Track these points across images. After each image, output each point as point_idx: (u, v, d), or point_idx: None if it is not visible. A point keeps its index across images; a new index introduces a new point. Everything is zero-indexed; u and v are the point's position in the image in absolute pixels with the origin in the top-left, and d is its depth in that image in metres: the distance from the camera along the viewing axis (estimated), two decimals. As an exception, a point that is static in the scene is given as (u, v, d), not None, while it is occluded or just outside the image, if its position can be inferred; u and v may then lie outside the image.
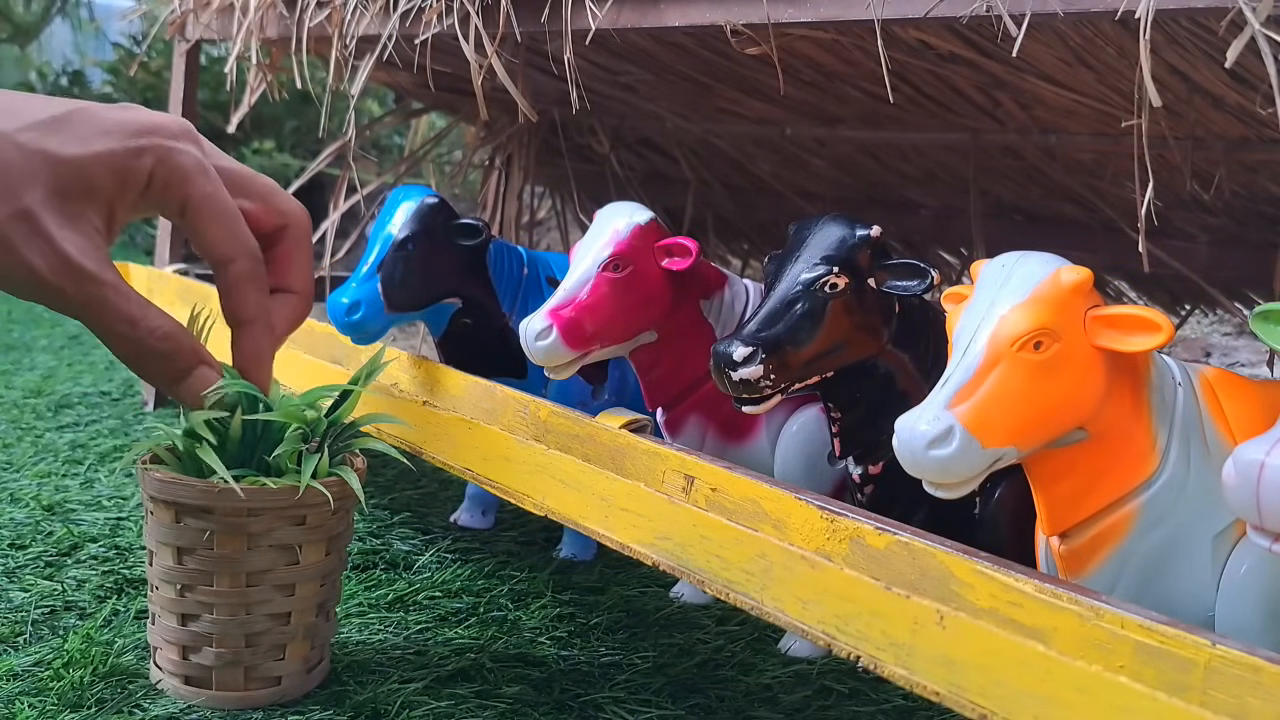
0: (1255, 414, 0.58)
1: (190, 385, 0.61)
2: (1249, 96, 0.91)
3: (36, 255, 0.53)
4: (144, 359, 0.59)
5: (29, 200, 0.53)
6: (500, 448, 0.70)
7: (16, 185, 0.53)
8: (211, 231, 0.60)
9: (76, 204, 0.54)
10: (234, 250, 0.62)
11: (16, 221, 0.53)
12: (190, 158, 0.58)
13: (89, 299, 0.55)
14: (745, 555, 0.55)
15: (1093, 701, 0.41)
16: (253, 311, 0.63)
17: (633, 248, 0.80)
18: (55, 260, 0.54)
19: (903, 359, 0.71)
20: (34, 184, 0.53)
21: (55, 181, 0.54)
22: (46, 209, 0.53)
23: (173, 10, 1.37)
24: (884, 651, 0.48)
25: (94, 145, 0.55)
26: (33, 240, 0.53)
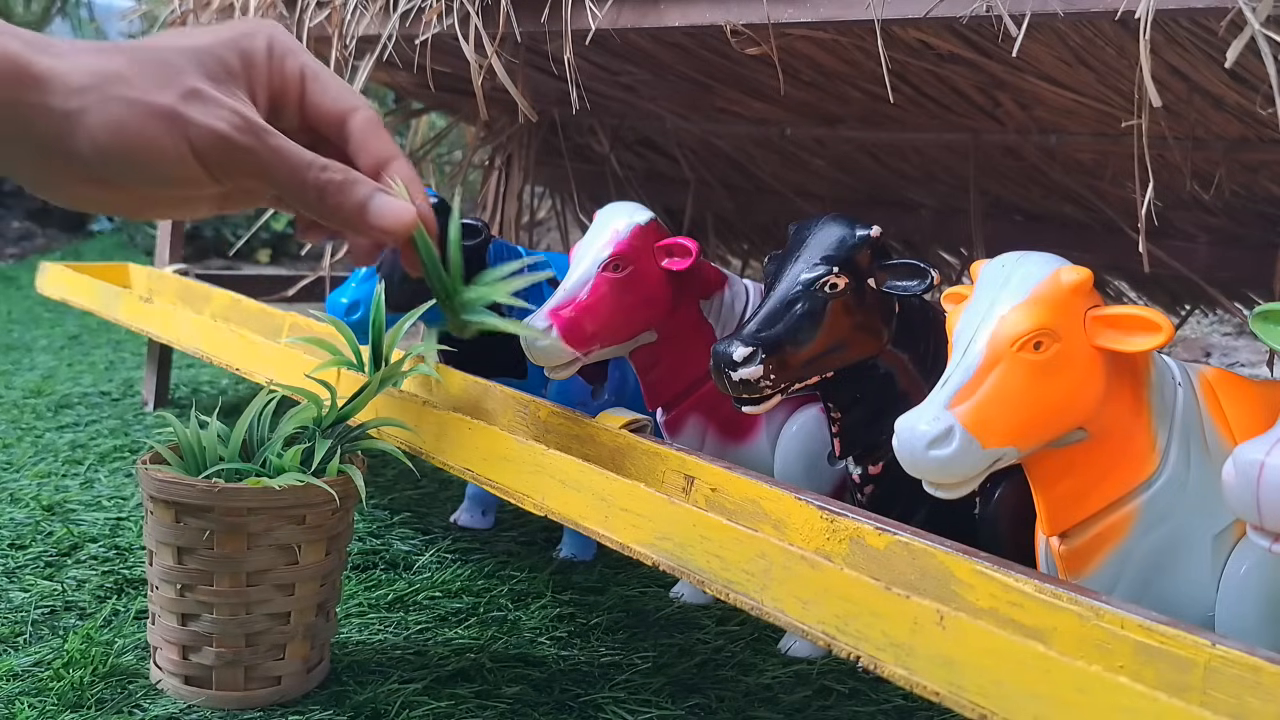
0: (1255, 414, 0.58)
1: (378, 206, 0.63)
2: (1249, 96, 0.91)
3: (220, 121, 0.57)
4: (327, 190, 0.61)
5: (191, 81, 0.57)
6: (500, 448, 0.70)
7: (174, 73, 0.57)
8: (333, 87, 0.64)
9: (226, 82, 0.59)
10: (356, 100, 0.65)
11: (190, 99, 0.56)
12: (290, 35, 0.64)
13: (273, 149, 0.59)
14: (745, 555, 0.55)
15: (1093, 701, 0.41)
16: (393, 147, 0.66)
17: (633, 248, 0.80)
18: (237, 119, 0.57)
19: (903, 359, 0.71)
20: (186, 71, 0.57)
21: (201, 67, 0.58)
22: (208, 85, 0.58)
23: (173, 10, 1.37)
24: (884, 651, 0.48)
25: (216, 36, 0.60)
26: (211, 109, 0.57)
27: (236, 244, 2.64)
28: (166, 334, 1.16)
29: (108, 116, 0.55)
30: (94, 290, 1.31)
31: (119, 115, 0.55)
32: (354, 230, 0.63)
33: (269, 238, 2.98)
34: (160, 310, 1.18)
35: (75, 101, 0.54)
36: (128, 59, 0.56)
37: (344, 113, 0.64)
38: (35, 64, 0.53)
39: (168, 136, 0.56)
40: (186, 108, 0.56)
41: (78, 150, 0.55)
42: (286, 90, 0.63)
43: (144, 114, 0.55)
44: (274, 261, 3.03)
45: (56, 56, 0.55)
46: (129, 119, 0.55)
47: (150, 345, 1.50)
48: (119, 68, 0.56)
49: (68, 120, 0.54)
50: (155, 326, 1.18)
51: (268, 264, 3.01)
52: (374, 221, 0.63)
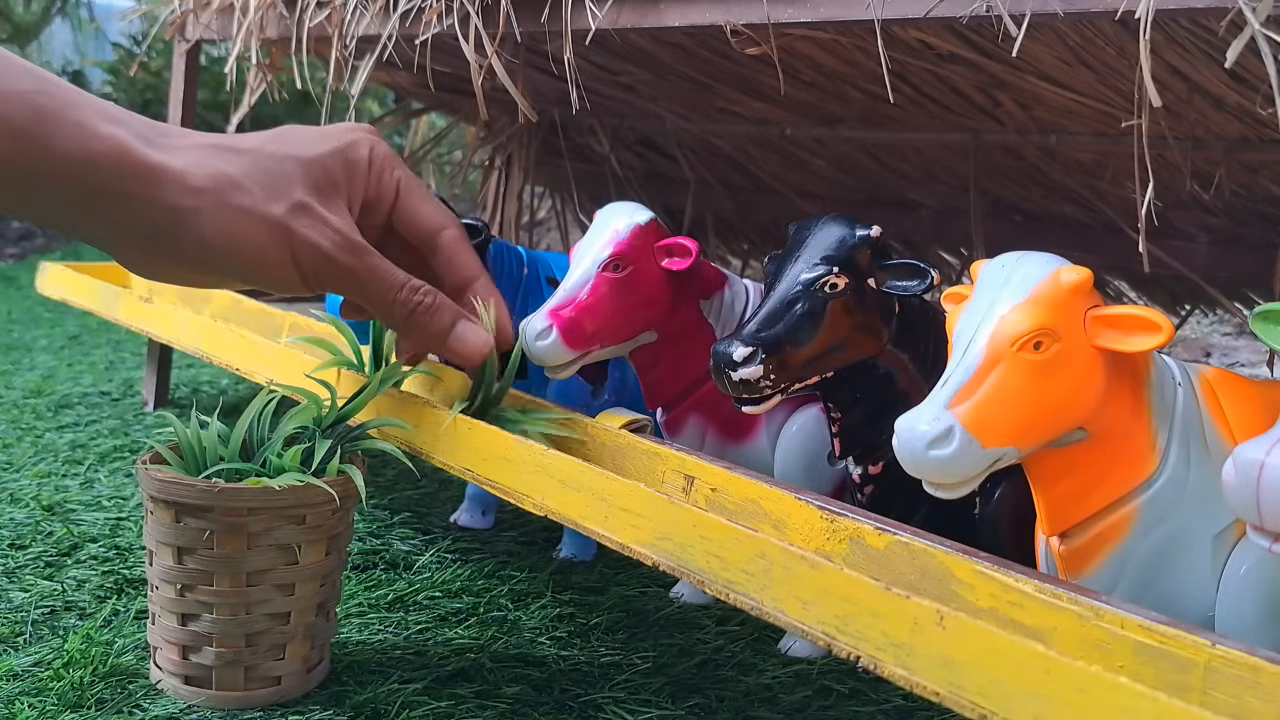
0: (1255, 414, 0.58)
1: (460, 335, 0.66)
2: (1249, 96, 0.91)
3: (322, 238, 0.59)
4: (415, 314, 0.64)
5: (299, 194, 0.59)
6: (500, 448, 0.70)
7: (286, 184, 0.59)
8: (425, 205, 0.67)
9: (330, 196, 0.61)
10: (445, 218, 0.68)
11: (298, 213, 0.59)
12: (389, 148, 0.66)
13: (369, 268, 0.62)
14: (745, 555, 0.55)
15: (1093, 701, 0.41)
16: (478, 267, 0.69)
17: (633, 248, 0.80)
18: (339, 238, 0.60)
19: (903, 359, 0.71)
20: (297, 182, 0.60)
21: (310, 178, 0.60)
22: (314, 200, 0.60)
23: (173, 10, 1.37)
24: (884, 652, 0.48)
25: (322, 146, 0.62)
26: (316, 225, 0.60)
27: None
28: (166, 334, 1.16)
29: (222, 221, 0.57)
30: (94, 290, 1.31)
31: (233, 221, 0.57)
32: (432, 350, 0.67)
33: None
34: (160, 310, 1.18)
35: (191, 201, 0.56)
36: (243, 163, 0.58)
37: (434, 230, 0.67)
38: (147, 158, 0.55)
39: (275, 247, 0.58)
40: (295, 221, 0.59)
41: (185, 244, 0.57)
42: (381, 199, 0.66)
43: (257, 223, 0.58)
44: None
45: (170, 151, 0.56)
46: (242, 227, 0.57)
47: (150, 345, 1.50)
48: (235, 173, 0.57)
49: (181, 216, 0.56)
50: (155, 326, 1.18)
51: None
52: (453, 347, 0.66)
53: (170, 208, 0.56)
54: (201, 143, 0.58)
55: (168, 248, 0.57)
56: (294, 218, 0.59)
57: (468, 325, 0.67)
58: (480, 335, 0.67)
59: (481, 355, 0.67)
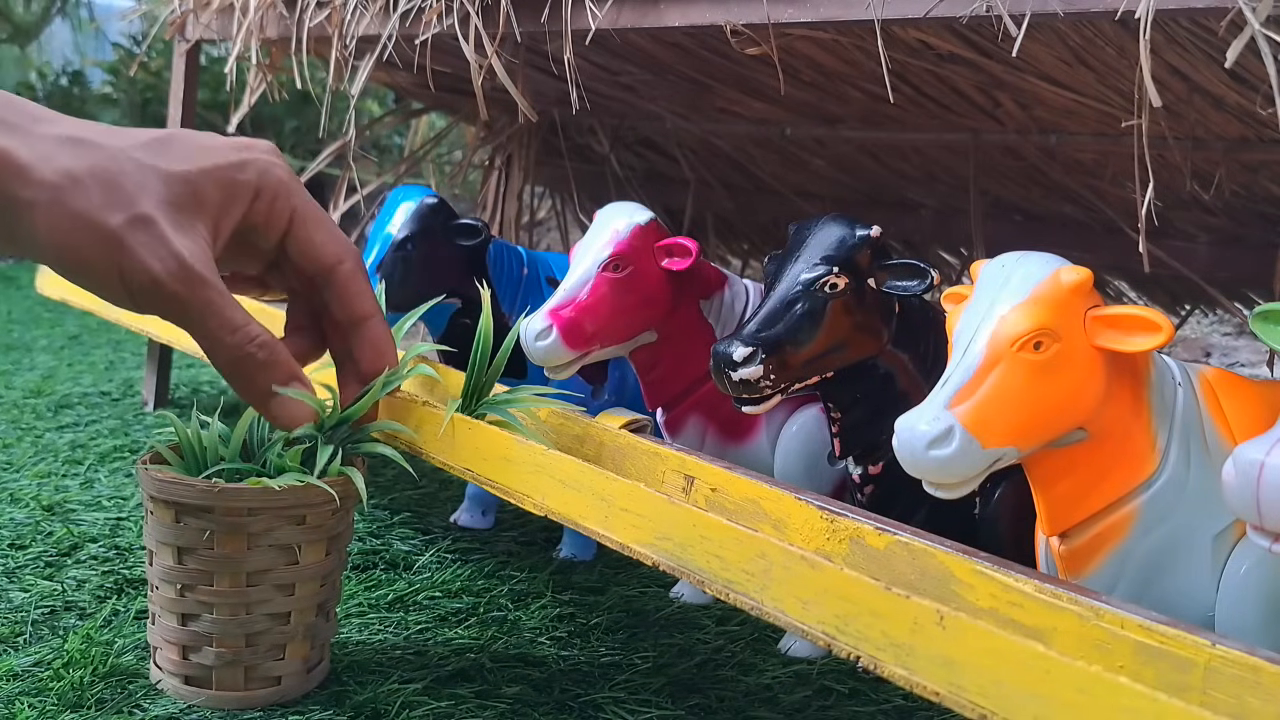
0: (1255, 414, 0.58)
1: (281, 401, 0.62)
2: (1249, 96, 0.91)
3: (155, 259, 0.55)
4: (240, 365, 0.60)
5: (145, 207, 0.55)
6: (500, 448, 0.70)
7: (134, 193, 0.55)
8: (319, 235, 0.62)
9: (188, 215, 0.57)
10: (342, 250, 0.64)
11: (135, 226, 0.54)
12: (286, 170, 0.61)
13: (200, 303, 0.57)
14: (745, 555, 0.55)
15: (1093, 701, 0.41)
16: (371, 305, 0.65)
17: (633, 248, 0.80)
18: (173, 264, 0.55)
19: (903, 359, 0.71)
20: (149, 193, 0.55)
21: (168, 193, 0.56)
22: (162, 216, 0.55)
23: (173, 10, 1.37)
24: (884, 652, 0.48)
25: (199, 161, 0.57)
26: (152, 244, 0.55)
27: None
28: (166, 334, 1.16)
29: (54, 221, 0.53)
30: (94, 290, 1.31)
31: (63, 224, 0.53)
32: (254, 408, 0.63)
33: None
34: (160, 310, 1.18)
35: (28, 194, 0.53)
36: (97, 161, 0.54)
37: (328, 262, 0.63)
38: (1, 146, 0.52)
39: (103, 259, 0.54)
40: (129, 236, 0.54)
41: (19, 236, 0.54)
42: (270, 226, 0.61)
43: (87, 231, 0.54)
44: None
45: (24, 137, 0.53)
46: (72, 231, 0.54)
47: (150, 345, 1.50)
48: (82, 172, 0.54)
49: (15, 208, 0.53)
50: (155, 326, 1.18)
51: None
52: (272, 410, 0.63)
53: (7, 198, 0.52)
54: (65, 134, 0.55)
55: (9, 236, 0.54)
56: (129, 231, 0.54)
57: (288, 400, 0.62)
58: (302, 410, 0.63)
59: (299, 425, 0.63)
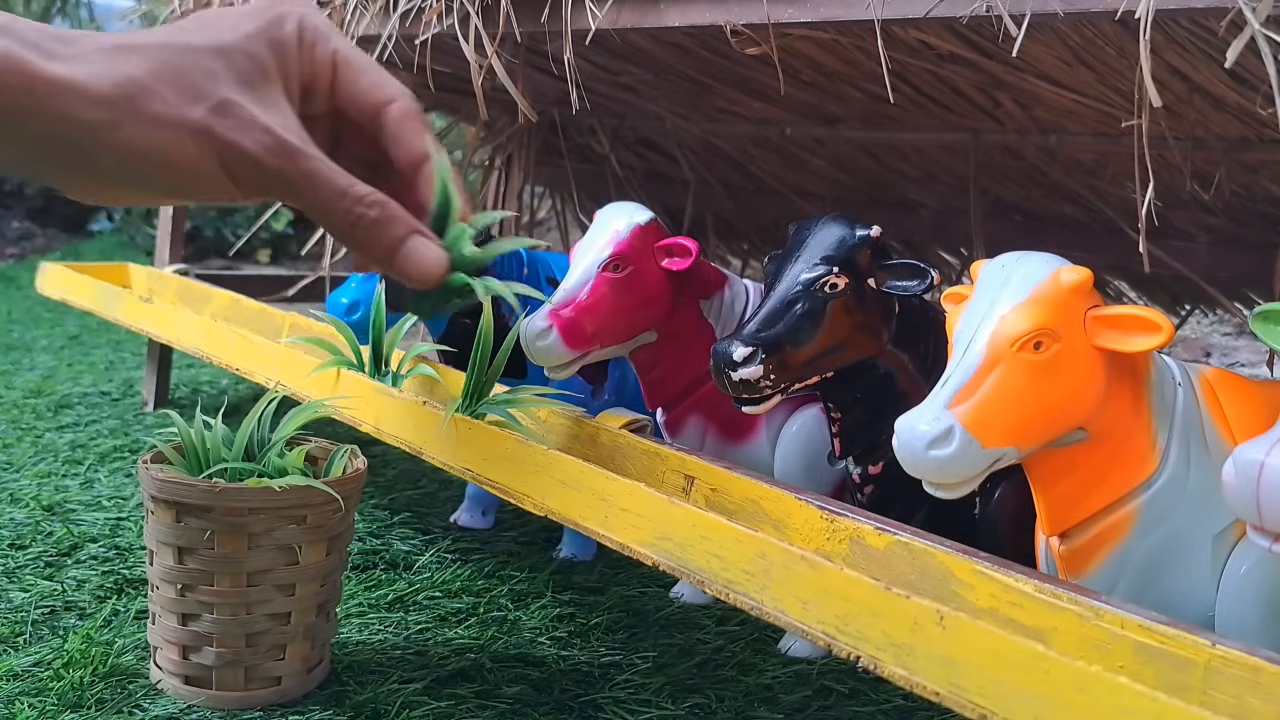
0: (1255, 414, 0.58)
1: (409, 253, 0.58)
2: (1249, 96, 0.91)
3: (249, 140, 0.53)
4: (358, 227, 0.57)
5: (222, 90, 0.52)
6: (500, 448, 0.70)
7: (203, 81, 0.52)
8: (367, 77, 0.59)
9: (259, 87, 0.54)
10: (394, 90, 0.60)
11: (219, 114, 0.52)
12: (321, 17, 0.58)
13: (304, 173, 0.54)
14: (745, 555, 0.55)
15: (1093, 701, 0.41)
16: (428, 144, 0.61)
17: (633, 248, 0.80)
18: (269, 139, 0.53)
19: (903, 359, 0.71)
20: (217, 77, 0.53)
21: (233, 70, 0.53)
22: (239, 95, 0.53)
23: (173, 10, 1.37)
24: (884, 651, 0.48)
25: (244, 28, 0.55)
26: (242, 127, 0.53)
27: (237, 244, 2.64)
28: (166, 334, 1.16)
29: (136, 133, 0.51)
30: (94, 290, 1.31)
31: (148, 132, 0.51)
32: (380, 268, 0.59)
33: (269, 238, 2.98)
34: (160, 310, 1.18)
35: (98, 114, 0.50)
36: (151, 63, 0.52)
37: (377, 104, 0.59)
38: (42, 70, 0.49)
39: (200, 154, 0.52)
40: (218, 123, 0.52)
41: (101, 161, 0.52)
42: (317, 78, 0.58)
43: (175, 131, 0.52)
44: (274, 261, 3.03)
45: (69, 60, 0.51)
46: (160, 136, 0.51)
47: (150, 345, 1.50)
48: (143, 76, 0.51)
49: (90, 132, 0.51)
50: (155, 326, 1.18)
51: (268, 264, 3.01)
52: (402, 266, 0.59)
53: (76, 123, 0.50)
54: (104, 44, 0.52)
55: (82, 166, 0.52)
56: (216, 119, 0.52)
57: (420, 242, 0.58)
58: (434, 254, 0.59)
59: (434, 276, 0.59)
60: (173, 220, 1.50)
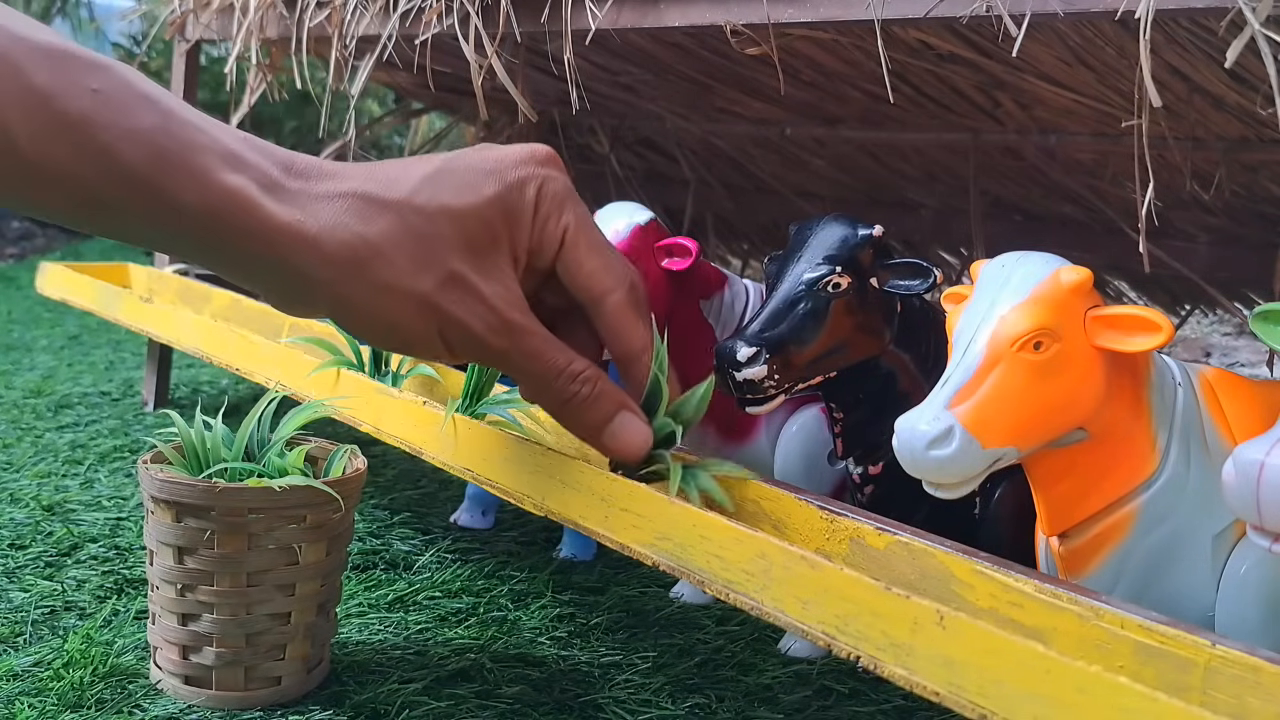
0: (1255, 414, 0.58)
1: (614, 432, 0.58)
2: (1249, 96, 0.91)
3: (474, 318, 0.52)
4: (570, 405, 0.56)
5: (449, 262, 0.51)
6: (500, 448, 0.70)
7: (435, 250, 0.51)
8: (591, 262, 0.57)
9: (489, 255, 0.53)
10: (613, 279, 0.57)
11: (447, 286, 0.51)
12: (563, 184, 0.56)
13: (523, 352, 0.54)
14: (745, 555, 0.55)
15: (1093, 701, 0.41)
16: (644, 341, 0.59)
17: (633, 248, 0.80)
18: (493, 318, 0.53)
19: (904, 359, 0.71)
20: (449, 245, 0.52)
21: (464, 238, 0.52)
22: (468, 267, 0.52)
23: (173, 10, 1.37)
24: (884, 652, 0.48)
25: (484, 190, 0.53)
26: (467, 302, 0.52)
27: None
28: (166, 334, 1.16)
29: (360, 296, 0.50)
30: (94, 290, 1.31)
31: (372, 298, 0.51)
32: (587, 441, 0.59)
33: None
34: (160, 310, 1.18)
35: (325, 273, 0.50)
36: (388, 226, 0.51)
37: (602, 293, 0.57)
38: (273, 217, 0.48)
39: (420, 325, 0.52)
40: (444, 298, 0.51)
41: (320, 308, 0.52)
42: (544, 248, 0.56)
43: (400, 300, 0.51)
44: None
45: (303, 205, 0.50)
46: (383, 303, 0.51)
47: (150, 345, 1.50)
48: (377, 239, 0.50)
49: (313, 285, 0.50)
50: (155, 326, 1.18)
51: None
52: (608, 444, 0.59)
53: (301, 275, 0.49)
54: (343, 191, 0.50)
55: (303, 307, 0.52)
56: (443, 293, 0.51)
57: (627, 419, 0.58)
58: (639, 432, 0.58)
59: (638, 453, 0.59)
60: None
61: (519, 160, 0.55)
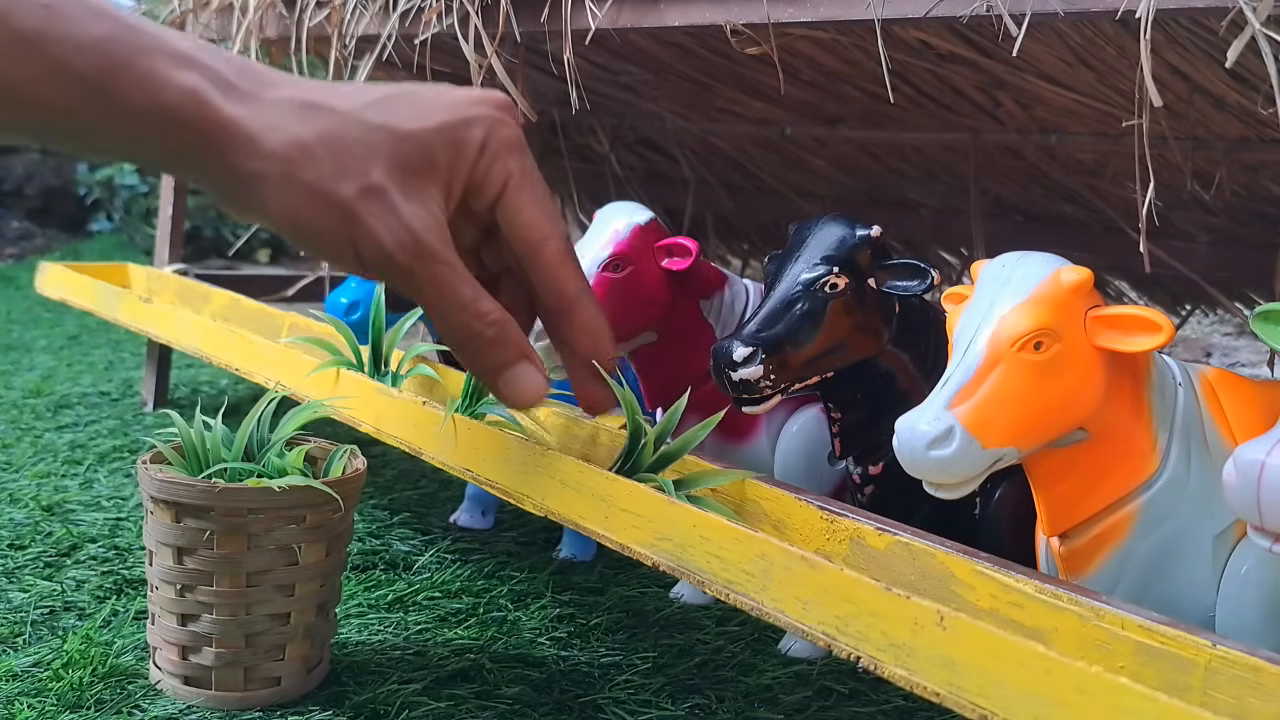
0: (1255, 414, 0.58)
1: (510, 378, 0.58)
2: (1249, 96, 0.91)
3: (387, 231, 0.53)
4: (470, 342, 0.57)
5: (376, 175, 0.53)
6: (500, 448, 0.70)
7: (363, 160, 0.52)
8: (532, 208, 0.58)
9: (419, 179, 0.54)
10: (553, 227, 0.59)
11: (366, 197, 0.52)
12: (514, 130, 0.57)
13: (431, 277, 0.55)
14: (745, 555, 0.55)
15: (1093, 702, 0.41)
16: (579, 285, 0.60)
17: (633, 248, 0.80)
18: (405, 236, 0.53)
19: (903, 359, 0.71)
20: (379, 159, 0.53)
21: (398, 156, 0.53)
22: (393, 183, 0.53)
23: (172, 10, 1.37)
24: (884, 652, 0.48)
25: (431, 118, 0.55)
26: (383, 216, 0.53)
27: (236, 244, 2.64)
28: (166, 334, 1.16)
29: (283, 194, 0.52)
30: (93, 290, 1.31)
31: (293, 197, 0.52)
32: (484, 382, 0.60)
33: (269, 237, 2.98)
34: (160, 310, 1.18)
35: (256, 166, 0.51)
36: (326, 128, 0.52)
37: (539, 239, 0.58)
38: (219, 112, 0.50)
39: (335, 230, 0.53)
40: (362, 207, 0.52)
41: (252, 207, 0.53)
42: (485, 187, 0.57)
43: (319, 203, 0.52)
44: (274, 261, 3.03)
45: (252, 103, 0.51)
46: (303, 204, 0.52)
47: (150, 345, 1.50)
48: (311, 140, 0.52)
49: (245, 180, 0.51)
50: (155, 326, 1.18)
51: (267, 264, 3.01)
52: (501, 389, 0.59)
53: (235, 170, 0.51)
54: (291, 97, 0.52)
55: (242, 207, 0.53)
56: (362, 201, 0.52)
57: (526, 369, 0.59)
58: (535, 383, 0.59)
59: (529, 404, 0.60)
60: (172, 220, 1.50)
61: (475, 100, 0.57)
